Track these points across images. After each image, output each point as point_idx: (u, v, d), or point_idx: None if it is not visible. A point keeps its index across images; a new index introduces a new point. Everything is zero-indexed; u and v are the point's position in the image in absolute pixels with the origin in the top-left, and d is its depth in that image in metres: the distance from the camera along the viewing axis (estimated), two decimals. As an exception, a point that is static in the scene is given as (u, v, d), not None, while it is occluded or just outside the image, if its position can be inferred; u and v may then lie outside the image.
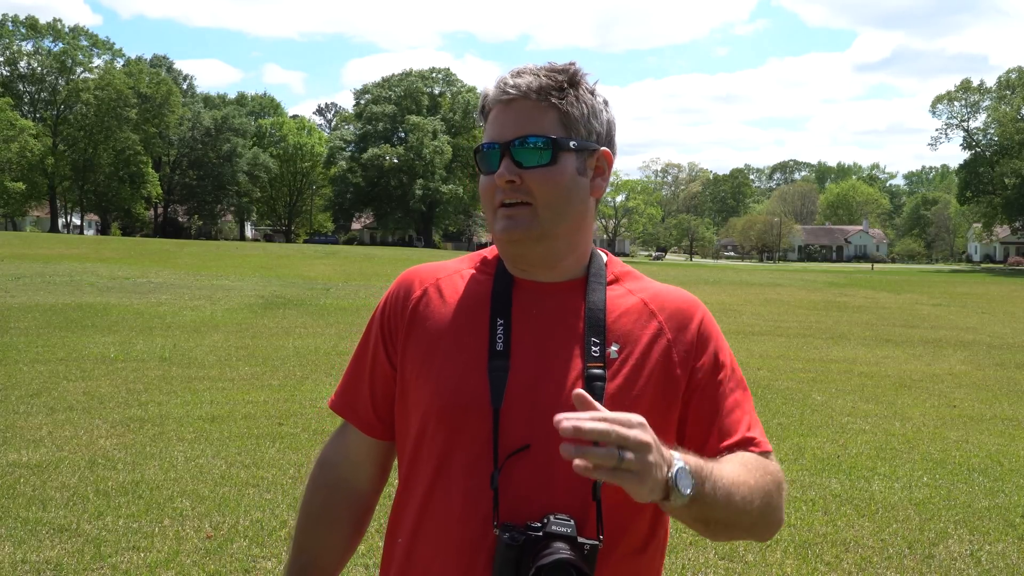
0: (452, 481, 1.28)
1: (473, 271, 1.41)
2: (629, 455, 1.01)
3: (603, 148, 1.33)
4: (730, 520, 1.20)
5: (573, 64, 1.31)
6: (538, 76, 1.28)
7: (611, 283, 1.37)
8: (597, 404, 1.06)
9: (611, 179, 1.41)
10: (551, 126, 1.28)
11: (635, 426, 1.04)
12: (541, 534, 1.16)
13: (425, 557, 1.31)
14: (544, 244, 1.30)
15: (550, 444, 1.23)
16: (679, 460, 1.09)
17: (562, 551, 1.13)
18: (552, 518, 1.18)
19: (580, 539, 1.16)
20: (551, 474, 1.24)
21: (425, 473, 1.31)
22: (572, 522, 1.18)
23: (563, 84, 1.29)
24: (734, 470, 1.22)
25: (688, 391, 1.34)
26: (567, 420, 1.00)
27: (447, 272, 1.41)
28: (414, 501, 1.33)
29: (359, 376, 1.45)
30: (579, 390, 1.07)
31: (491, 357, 1.29)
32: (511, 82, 1.28)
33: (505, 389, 1.27)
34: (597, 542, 1.19)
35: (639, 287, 1.39)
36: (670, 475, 1.07)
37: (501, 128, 1.29)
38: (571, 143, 1.29)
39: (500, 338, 1.29)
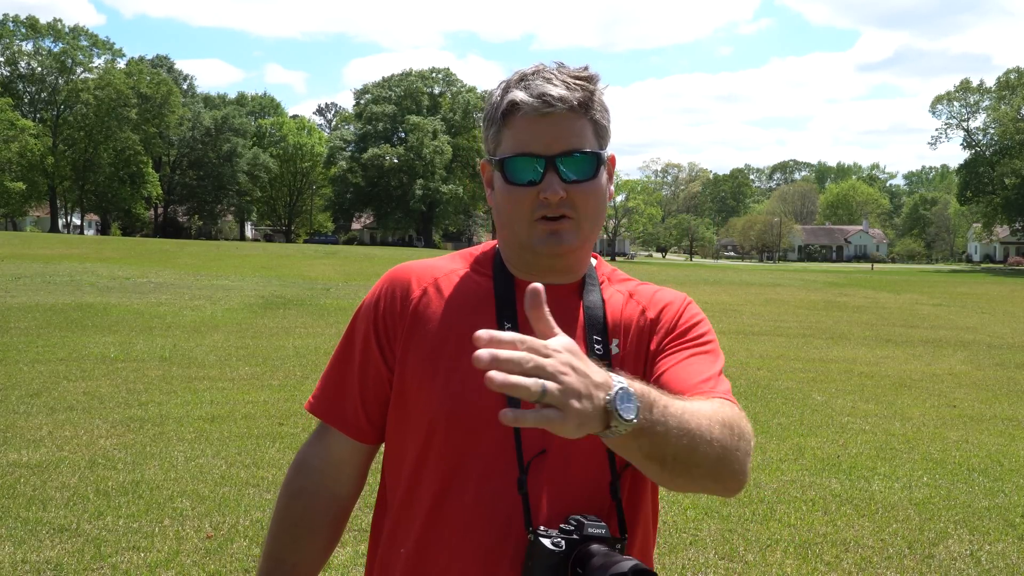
0: (467, 487, 1.26)
1: (470, 271, 1.38)
2: (551, 385, 0.89)
3: (611, 153, 1.36)
4: (688, 457, 1.06)
5: (588, 68, 1.30)
6: (571, 87, 1.26)
7: (603, 283, 1.39)
8: (546, 313, 0.95)
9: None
10: (591, 139, 1.28)
11: (552, 352, 0.92)
12: (577, 537, 1.15)
13: (438, 565, 1.28)
14: (576, 254, 1.32)
15: (566, 447, 1.24)
16: (621, 382, 0.97)
17: (622, 557, 1.12)
18: (584, 520, 1.17)
19: (613, 539, 1.17)
20: (568, 476, 1.25)
21: (433, 479, 1.28)
22: (604, 523, 1.18)
23: (593, 93, 1.28)
24: (688, 400, 1.12)
25: (656, 354, 1.33)
26: (484, 351, 0.88)
27: (443, 271, 1.38)
28: (420, 508, 1.30)
29: (346, 378, 1.39)
30: (536, 284, 0.96)
31: None
32: (554, 93, 1.24)
33: None
34: (624, 539, 1.21)
35: (630, 286, 1.41)
36: (607, 399, 0.95)
37: (543, 140, 1.25)
38: (603, 154, 1.30)
39: None
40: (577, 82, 1.27)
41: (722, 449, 1.10)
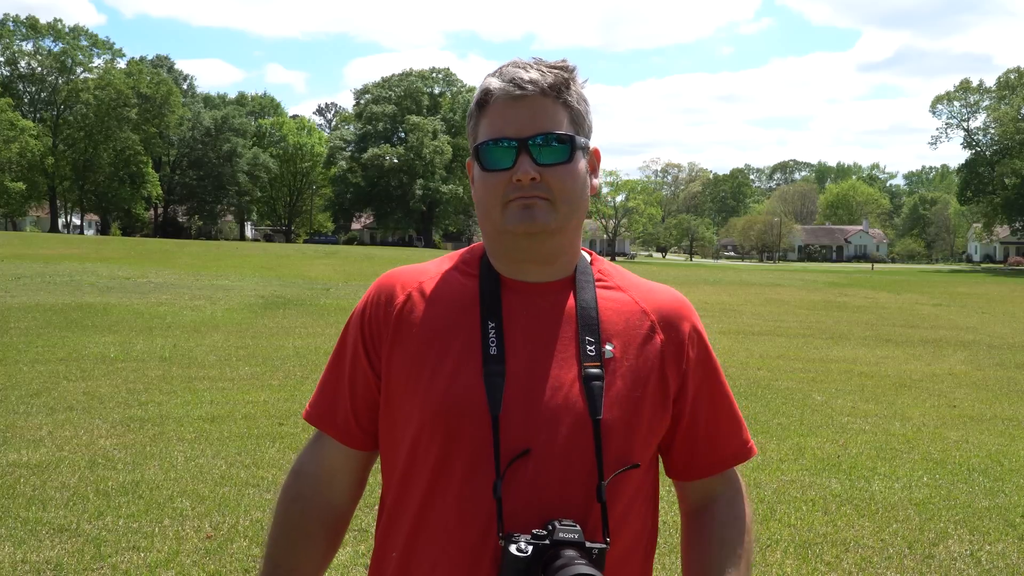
0: (449, 490, 1.25)
1: (456, 272, 1.37)
2: None
3: (595, 146, 1.35)
4: None
5: (566, 61, 1.31)
6: (544, 72, 1.26)
7: (598, 281, 1.36)
8: None
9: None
10: (566, 124, 1.27)
11: None
12: (548, 542, 1.14)
13: (423, 568, 1.28)
14: (555, 238, 1.29)
15: (550, 448, 1.23)
16: None
17: (577, 561, 1.11)
18: (558, 524, 1.16)
19: (588, 544, 1.15)
20: (551, 478, 1.23)
21: (419, 483, 1.28)
22: (578, 527, 1.16)
23: (568, 81, 1.28)
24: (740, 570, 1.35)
25: (679, 393, 1.34)
26: None
27: (429, 275, 1.37)
28: (408, 512, 1.30)
29: (337, 385, 1.39)
30: None
31: (485, 362, 1.26)
32: (525, 77, 1.25)
33: (503, 394, 1.24)
34: (604, 545, 1.18)
35: (627, 284, 1.38)
36: None
37: (516, 124, 1.25)
38: (581, 140, 1.29)
39: (493, 342, 1.27)
40: (551, 69, 1.28)
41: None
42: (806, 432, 7.45)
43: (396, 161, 74.46)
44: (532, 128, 1.25)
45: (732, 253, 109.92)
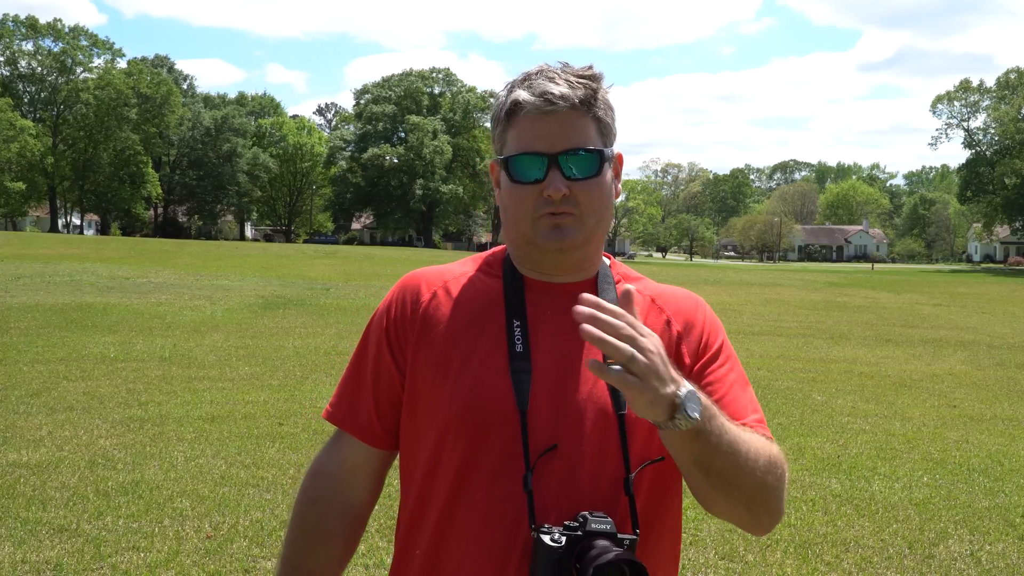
0: (476, 487, 1.27)
1: (480, 273, 1.40)
2: (639, 356, 1.02)
3: (618, 151, 1.37)
4: (732, 476, 1.17)
5: (592, 67, 1.32)
6: (574, 85, 1.28)
7: (617, 283, 1.39)
8: (636, 312, 1.10)
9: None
10: (594, 137, 1.29)
11: (647, 335, 1.07)
12: (580, 533, 1.16)
13: (451, 565, 1.29)
14: (583, 250, 1.33)
15: (577, 443, 1.26)
16: (690, 386, 1.09)
17: (613, 549, 1.13)
18: (589, 516, 1.18)
19: (619, 535, 1.18)
20: (580, 473, 1.25)
21: (444, 480, 1.30)
22: (610, 519, 1.18)
23: (596, 92, 1.30)
24: (743, 428, 1.22)
25: (693, 378, 1.34)
26: (586, 305, 1.04)
27: (453, 275, 1.40)
28: (432, 510, 1.31)
29: (360, 385, 1.40)
30: (629, 286, 1.12)
31: (511, 359, 1.28)
32: (556, 92, 1.26)
33: (530, 391, 1.26)
34: (635, 536, 1.20)
35: (643, 286, 1.42)
36: (679, 394, 1.06)
37: (547, 139, 1.27)
38: (608, 152, 1.31)
39: (519, 340, 1.29)
40: (580, 80, 1.29)
41: (763, 482, 1.21)
42: (806, 432, 7.45)
43: (396, 161, 74.43)
44: (563, 143, 1.27)
45: (732, 253, 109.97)
